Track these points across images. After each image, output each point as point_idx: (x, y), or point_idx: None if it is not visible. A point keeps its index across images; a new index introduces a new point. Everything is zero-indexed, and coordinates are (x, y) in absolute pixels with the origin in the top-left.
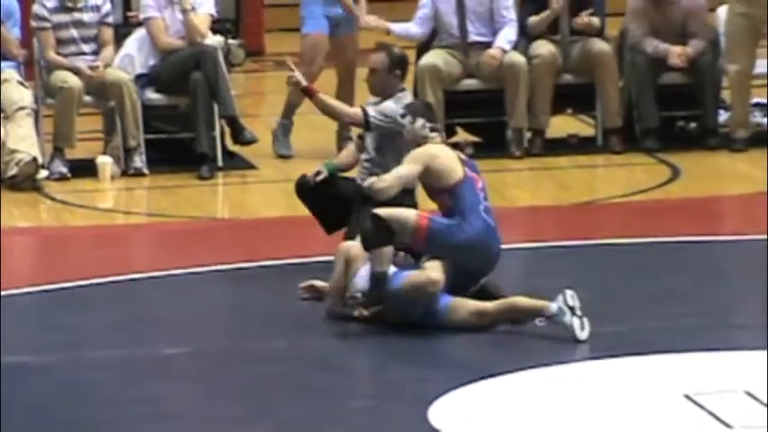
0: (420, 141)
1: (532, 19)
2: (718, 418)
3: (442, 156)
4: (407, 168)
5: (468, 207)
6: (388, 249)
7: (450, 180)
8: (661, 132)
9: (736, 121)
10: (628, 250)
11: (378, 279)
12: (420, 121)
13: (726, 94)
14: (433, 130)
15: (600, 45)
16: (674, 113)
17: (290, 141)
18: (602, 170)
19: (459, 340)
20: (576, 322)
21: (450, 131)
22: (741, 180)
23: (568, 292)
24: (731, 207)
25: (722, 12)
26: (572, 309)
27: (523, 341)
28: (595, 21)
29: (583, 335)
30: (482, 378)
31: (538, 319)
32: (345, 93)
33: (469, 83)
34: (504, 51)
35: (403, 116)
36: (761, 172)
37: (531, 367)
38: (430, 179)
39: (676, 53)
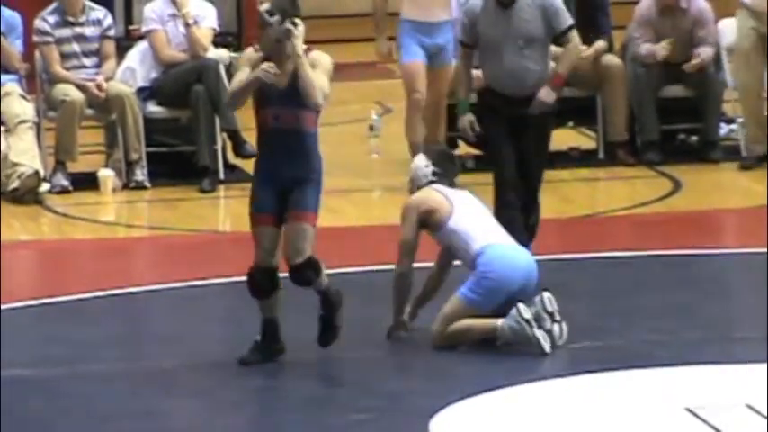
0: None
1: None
2: (719, 431)
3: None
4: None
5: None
6: None
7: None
8: (662, 145)
9: (750, 137)
10: (629, 263)
11: None
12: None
13: (727, 108)
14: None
15: (610, 59)
16: (675, 126)
17: None
18: (603, 183)
19: (459, 353)
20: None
21: (452, 144)
22: (742, 194)
23: (545, 295)
24: (732, 221)
25: (723, 25)
26: (551, 314)
27: (523, 354)
28: (602, 45)
29: (560, 341)
30: (483, 391)
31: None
32: (434, 121)
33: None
34: None
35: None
36: (761, 186)
37: (531, 380)
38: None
39: (661, 47)
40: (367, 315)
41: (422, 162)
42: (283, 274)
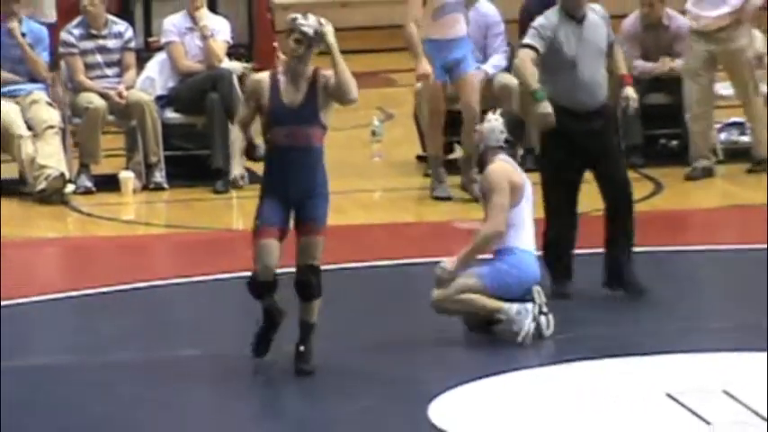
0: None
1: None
2: (698, 416)
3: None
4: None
5: None
6: None
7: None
8: (645, 149)
9: (696, 152)
10: None
11: None
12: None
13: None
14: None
15: None
16: (657, 132)
17: None
18: (591, 185)
19: (456, 341)
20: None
21: (449, 149)
22: (719, 194)
23: (535, 288)
24: (708, 219)
25: None
26: (539, 306)
27: (515, 344)
28: None
29: (547, 332)
30: (479, 378)
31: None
32: (469, 131)
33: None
34: (487, 74)
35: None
36: (736, 187)
37: (524, 368)
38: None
39: (653, 66)
40: (368, 307)
41: (498, 126)
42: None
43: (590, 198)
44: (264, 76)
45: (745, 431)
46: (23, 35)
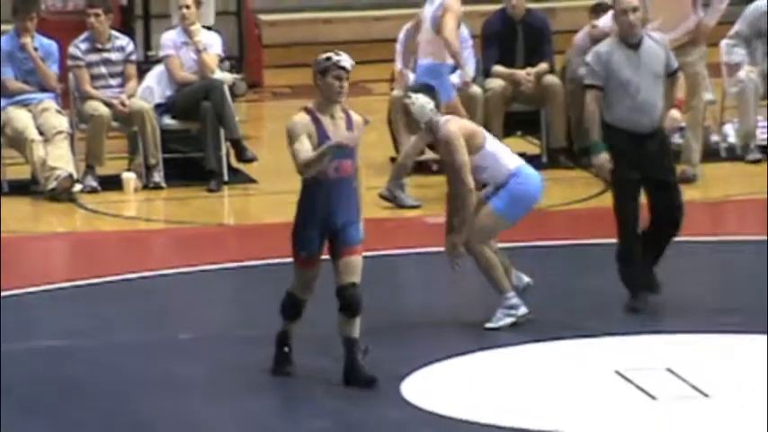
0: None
1: (496, 68)
2: (644, 391)
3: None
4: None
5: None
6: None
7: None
8: None
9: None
10: (569, 250)
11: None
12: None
13: None
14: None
15: (551, 79)
16: None
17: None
18: (546, 183)
19: (427, 324)
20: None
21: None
22: None
23: (515, 273)
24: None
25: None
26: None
27: (482, 326)
28: (544, 67)
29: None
30: (447, 357)
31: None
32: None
33: None
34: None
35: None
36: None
37: (488, 348)
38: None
39: None
40: None
41: (421, 101)
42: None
43: (547, 196)
44: (304, 117)
45: (687, 405)
46: (35, 49)
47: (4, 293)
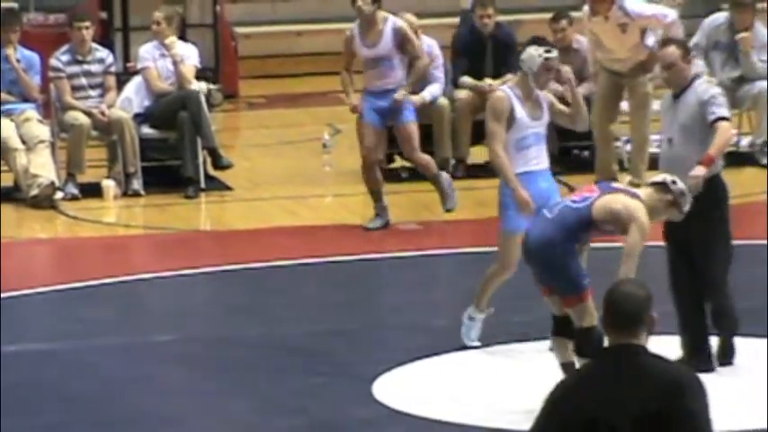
0: None
1: (463, 79)
2: None
3: None
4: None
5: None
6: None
7: None
8: (560, 159)
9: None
10: None
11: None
12: None
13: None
14: None
15: None
16: (570, 144)
17: None
18: None
19: (397, 327)
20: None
21: (389, 159)
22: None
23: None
24: None
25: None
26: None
27: (451, 328)
28: (510, 78)
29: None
30: (417, 359)
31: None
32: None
33: None
34: (425, 100)
35: None
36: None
37: (456, 350)
38: None
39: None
40: (320, 298)
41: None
42: None
43: None
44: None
45: None
46: (18, 61)
47: None
